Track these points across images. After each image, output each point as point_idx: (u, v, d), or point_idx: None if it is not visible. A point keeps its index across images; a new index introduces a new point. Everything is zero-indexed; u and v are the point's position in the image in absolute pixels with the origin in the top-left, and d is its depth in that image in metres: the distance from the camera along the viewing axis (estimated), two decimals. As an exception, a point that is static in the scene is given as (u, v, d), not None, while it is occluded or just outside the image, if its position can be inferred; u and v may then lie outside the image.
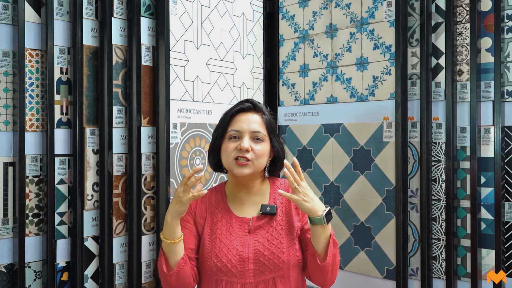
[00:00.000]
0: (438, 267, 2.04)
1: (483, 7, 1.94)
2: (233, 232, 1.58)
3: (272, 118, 1.65)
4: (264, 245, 1.54)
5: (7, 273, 1.62)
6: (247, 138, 1.55)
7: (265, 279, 1.53)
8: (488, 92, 1.92)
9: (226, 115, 1.63)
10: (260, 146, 1.57)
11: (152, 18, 2.02)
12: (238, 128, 1.57)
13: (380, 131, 2.20)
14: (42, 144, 1.70)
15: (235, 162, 1.55)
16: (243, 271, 1.53)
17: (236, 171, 1.55)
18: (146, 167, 1.98)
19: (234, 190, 1.65)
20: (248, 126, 1.57)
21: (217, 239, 1.57)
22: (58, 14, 1.74)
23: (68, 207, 1.77)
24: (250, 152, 1.54)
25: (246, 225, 1.59)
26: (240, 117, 1.60)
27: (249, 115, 1.60)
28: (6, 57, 1.63)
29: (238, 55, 2.45)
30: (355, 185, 2.29)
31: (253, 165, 1.55)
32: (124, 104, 1.93)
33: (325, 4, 2.43)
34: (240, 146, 1.54)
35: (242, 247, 1.55)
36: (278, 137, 1.66)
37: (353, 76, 2.32)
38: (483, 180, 1.93)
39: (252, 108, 1.62)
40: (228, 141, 1.58)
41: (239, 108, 1.61)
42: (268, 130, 1.61)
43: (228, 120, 1.60)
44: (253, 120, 1.59)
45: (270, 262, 1.53)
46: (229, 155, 1.56)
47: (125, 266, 1.93)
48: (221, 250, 1.55)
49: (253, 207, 1.62)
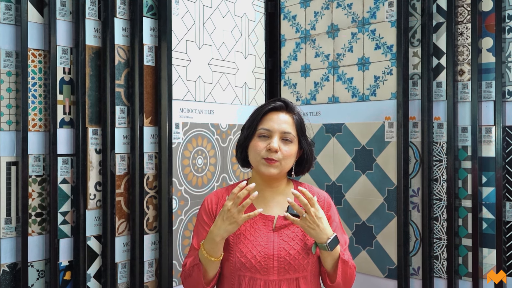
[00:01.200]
0: (439, 267, 2.04)
1: (484, 7, 1.94)
2: (257, 229, 1.56)
3: (302, 119, 1.63)
4: (290, 244, 1.52)
5: (10, 272, 1.63)
6: (276, 138, 1.54)
7: (288, 278, 1.52)
8: (489, 92, 1.92)
9: (258, 112, 1.61)
10: (288, 147, 1.55)
11: (155, 19, 2.03)
12: (268, 127, 1.56)
13: (382, 131, 2.20)
14: (45, 144, 1.71)
15: (264, 161, 1.54)
16: (267, 268, 1.51)
17: (263, 170, 1.54)
18: (148, 167, 1.98)
19: (258, 188, 1.61)
20: (279, 126, 1.55)
21: (241, 235, 1.55)
22: (60, 14, 1.75)
23: (70, 207, 1.78)
24: (278, 153, 1.53)
25: (270, 223, 1.57)
26: (271, 115, 1.58)
27: (281, 115, 1.58)
28: (9, 57, 1.63)
29: (240, 55, 2.45)
30: (357, 185, 2.29)
31: (280, 166, 1.54)
32: (127, 104, 1.94)
33: (326, 4, 2.43)
34: (269, 146, 1.52)
35: (267, 244, 1.53)
36: (307, 138, 1.64)
37: (354, 76, 2.32)
38: (484, 179, 1.94)
39: (284, 108, 1.60)
40: (257, 139, 1.57)
41: (271, 107, 1.59)
42: (297, 132, 1.59)
43: (260, 118, 1.58)
44: (284, 121, 1.57)
45: (295, 262, 1.51)
46: (257, 154, 1.55)
47: (127, 265, 1.93)
48: (245, 245, 1.53)
49: (277, 206, 1.60)
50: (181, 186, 2.11)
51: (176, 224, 2.08)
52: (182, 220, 2.11)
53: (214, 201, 1.63)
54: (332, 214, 1.62)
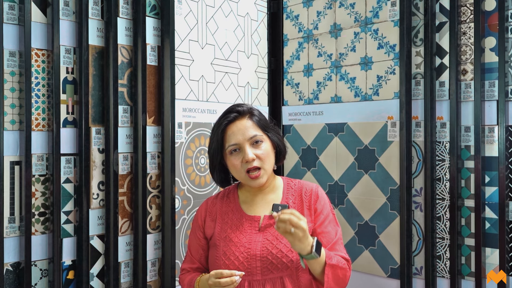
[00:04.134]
0: (442, 266, 2.04)
1: (487, 6, 1.94)
2: (242, 231, 1.58)
3: (260, 114, 1.63)
4: (273, 243, 1.53)
5: (14, 271, 1.64)
6: (247, 148, 1.54)
7: (272, 277, 1.52)
8: (492, 91, 1.92)
9: (216, 131, 1.60)
10: (262, 148, 1.56)
11: (157, 18, 2.03)
12: (235, 141, 1.56)
13: (384, 131, 2.20)
14: (48, 143, 1.72)
15: (248, 176, 1.54)
16: (250, 268, 1.52)
17: (252, 184, 1.56)
18: (151, 166, 1.99)
19: (248, 193, 1.66)
20: (244, 135, 1.55)
21: (226, 238, 1.58)
22: (64, 14, 1.76)
23: (74, 206, 1.78)
24: (256, 160, 1.54)
25: (256, 223, 1.58)
26: (231, 129, 1.57)
27: (239, 124, 1.58)
28: (13, 57, 1.64)
29: (243, 54, 2.46)
30: (359, 184, 2.29)
31: (265, 171, 1.56)
32: (130, 104, 1.94)
33: (329, 4, 2.43)
34: (245, 158, 1.53)
35: (250, 244, 1.54)
36: (273, 129, 1.64)
37: (357, 75, 2.32)
38: (487, 179, 1.93)
39: (239, 116, 1.59)
40: (230, 156, 1.57)
41: (226, 122, 1.58)
42: (262, 129, 1.59)
43: (221, 136, 1.58)
44: (245, 127, 1.57)
45: (278, 261, 1.52)
46: (239, 171, 1.56)
47: (130, 265, 1.94)
48: (229, 248, 1.55)
49: (265, 206, 1.62)
50: (184, 185, 2.11)
51: (179, 224, 2.08)
52: (185, 219, 2.12)
53: (203, 209, 1.70)
54: (319, 205, 1.60)
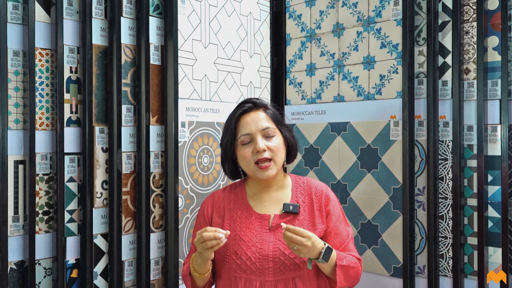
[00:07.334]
0: (445, 265, 2.04)
1: (490, 5, 1.94)
2: (252, 229, 1.55)
3: (275, 110, 1.63)
4: (285, 243, 1.48)
5: (18, 270, 1.64)
6: (259, 138, 1.53)
7: (284, 278, 1.50)
8: (495, 90, 1.92)
9: (230, 121, 1.59)
10: (274, 141, 1.54)
11: (161, 18, 2.04)
12: (247, 131, 1.54)
13: (387, 130, 2.20)
14: (52, 143, 1.72)
15: (257, 167, 1.52)
16: (262, 269, 1.50)
17: (260, 176, 1.53)
18: (154, 165, 1.99)
19: (255, 188, 1.63)
20: (257, 126, 1.54)
21: (236, 236, 1.55)
22: (67, 13, 1.76)
23: (77, 205, 1.79)
24: (267, 151, 1.52)
25: (266, 222, 1.56)
26: (245, 119, 1.57)
27: (253, 115, 1.57)
28: (17, 56, 1.64)
29: (246, 54, 2.46)
30: (362, 184, 2.29)
31: (275, 163, 1.54)
32: (133, 103, 1.95)
33: (332, 3, 2.44)
34: (256, 148, 1.51)
35: (262, 244, 1.52)
36: (286, 126, 1.63)
37: (360, 75, 2.32)
38: (490, 178, 1.93)
39: (254, 107, 1.59)
40: (242, 147, 1.55)
41: (241, 111, 1.58)
42: (276, 123, 1.58)
43: (234, 126, 1.57)
44: (259, 118, 1.56)
45: (290, 262, 1.50)
46: (249, 162, 1.54)
47: (134, 263, 1.94)
48: (240, 247, 1.53)
49: (274, 204, 1.59)
50: (187, 184, 2.12)
51: (182, 222, 2.09)
52: (188, 218, 2.12)
53: (210, 204, 1.66)
54: (331, 207, 1.60)
